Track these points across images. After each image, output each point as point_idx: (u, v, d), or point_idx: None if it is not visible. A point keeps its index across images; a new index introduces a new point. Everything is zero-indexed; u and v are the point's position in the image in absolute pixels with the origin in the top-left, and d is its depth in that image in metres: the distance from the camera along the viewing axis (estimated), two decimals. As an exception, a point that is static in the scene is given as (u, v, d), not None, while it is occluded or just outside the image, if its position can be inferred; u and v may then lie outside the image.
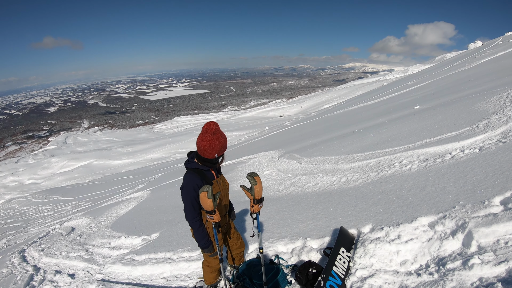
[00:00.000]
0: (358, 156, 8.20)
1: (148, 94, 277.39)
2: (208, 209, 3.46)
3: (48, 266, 8.24)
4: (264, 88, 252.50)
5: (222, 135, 3.57)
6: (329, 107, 45.84)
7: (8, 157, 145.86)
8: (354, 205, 5.21)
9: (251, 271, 4.26)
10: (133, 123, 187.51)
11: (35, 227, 16.03)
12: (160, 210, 10.68)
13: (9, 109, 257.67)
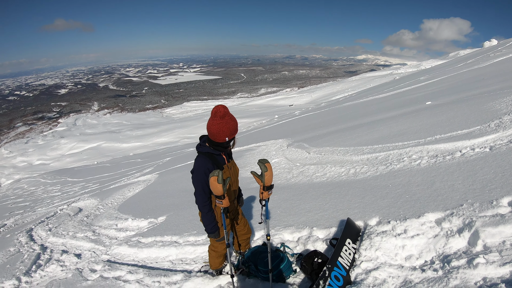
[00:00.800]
0: (367, 148, 8.17)
1: (158, 78, 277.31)
2: (218, 194, 3.46)
3: (55, 246, 8.36)
4: (275, 76, 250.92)
5: (232, 118, 3.56)
6: (339, 98, 45.59)
7: (18, 138, 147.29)
8: (361, 197, 5.22)
9: (257, 258, 4.29)
10: (143, 106, 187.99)
11: (43, 207, 16.23)
12: (168, 194, 10.73)
13: (19, 90, 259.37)
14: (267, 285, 4.05)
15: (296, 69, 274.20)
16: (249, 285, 4.21)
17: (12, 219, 15.12)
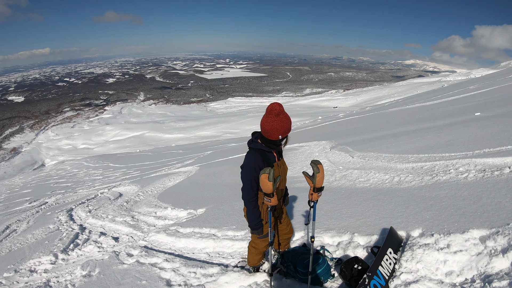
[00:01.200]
0: (413, 157, 7.88)
1: (204, 72, 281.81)
2: (267, 191, 3.39)
3: (93, 227, 8.50)
4: (321, 77, 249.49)
5: (287, 116, 3.48)
6: (385, 103, 44.68)
7: (65, 122, 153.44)
8: (405, 207, 5.02)
9: (296, 259, 4.19)
10: (188, 99, 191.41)
11: (84, 189, 16.67)
12: (208, 187, 10.72)
13: (69, 77, 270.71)
14: (304, 287, 3.96)
15: (342, 71, 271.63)
16: (285, 285, 4.13)
17: (54, 198, 15.61)
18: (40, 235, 8.52)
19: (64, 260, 6.43)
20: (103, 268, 5.46)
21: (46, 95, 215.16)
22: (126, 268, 5.29)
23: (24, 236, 8.67)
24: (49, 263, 6.29)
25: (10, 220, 11.60)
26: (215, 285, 4.36)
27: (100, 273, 5.27)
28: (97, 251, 6.67)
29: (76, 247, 7.03)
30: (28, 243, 7.97)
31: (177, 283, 4.60)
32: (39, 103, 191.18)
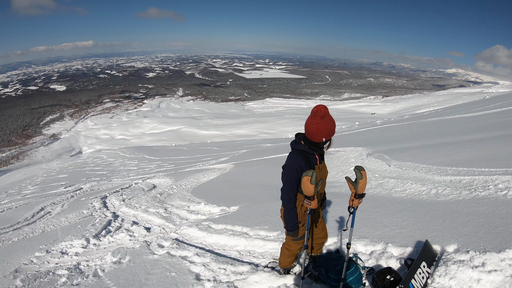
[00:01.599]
0: (451, 170, 7.59)
1: (243, 71, 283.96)
2: (309, 194, 3.36)
3: (126, 216, 8.61)
4: (360, 82, 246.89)
5: (331, 119, 3.46)
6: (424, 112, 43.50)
7: (104, 112, 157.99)
8: (441, 221, 4.86)
9: (329, 264, 4.11)
10: (226, 97, 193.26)
11: (118, 178, 16.98)
12: (242, 185, 10.68)
13: (110, 69, 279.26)
14: None
15: (382, 77, 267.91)
16: None
17: (89, 184, 15.96)
18: (73, 219, 8.70)
19: (96, 245, 6.50)
20: (133, 256, 5.48)
21: (87, 85, 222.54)
22: (156, 259, 5.29)
23: (57, 219, 8.87)
24: (80, 247, 6.38)
25: (45, 203, 11.92)
26: (244, 283, 4.32)
27: (130, 261, 5.29)
28: (128, 239, 6.72)
29: (108, 233, 7.11)
30: (61, 226, 8.13)
31: (206, 278, 4.57)
32: (80, 93, 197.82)
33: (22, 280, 5.00)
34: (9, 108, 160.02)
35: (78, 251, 6.21)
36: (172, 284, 4.44)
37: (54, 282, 4.94)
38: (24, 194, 17.63)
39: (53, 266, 5.56)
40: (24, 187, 22.20)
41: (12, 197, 17.28)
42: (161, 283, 4.50)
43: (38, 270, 5.40)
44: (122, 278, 4.75)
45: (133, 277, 4.75)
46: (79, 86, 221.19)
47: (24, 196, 16.59)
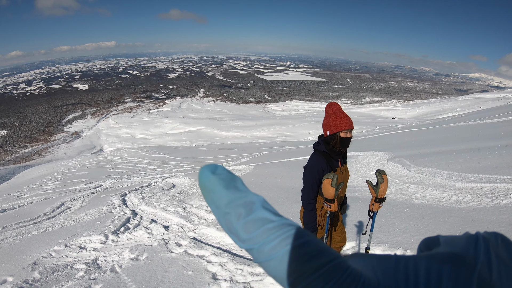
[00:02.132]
0: (473, 177, 7.50)
1: (264, 74, 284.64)
2: (329, 197, 3.34)
3: (145, 214, 8.64)
4: (381, 86, 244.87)
5: (344, 114, 3.46)
6: (446, 118, 42.82)
7: (125, 112, 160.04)
8: (462, 229, 4.85)
9: None
10: (246, 99, 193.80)
11: (138, 177, 17.10)
12: (261, 187, 10.63)
13: (132, 70, 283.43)
14: None
15: (404, 81, 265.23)
16: None
17: (109, 182, 16.11)
18: (93, 215, 8.78)
19: (114, 241, 6.55)
20: (151, 253, 5.49)
21: (109, 85, 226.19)
22: (173, 257, 5.30)
23: (77, 214, 8.96)
24: (99, 242, 6.44)
25: (66, 198, 12.06)
26: (260, 284, 4.30)
27: (148, 258, 5.31)
28: (146, 237, 6.75)
29: (127, 230, 7.16)
30: (81, 221, 8.21)
31: (222, 278, 4.57)
32: (102, 92, 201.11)
33: (40, 272, 5.06)
34: (32, 105, 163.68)
35: (97, 247, 6.27)
36: (188, 283, 4.43)
37: (72, 275, 4.98)
38: (45, 189, 17.89)
39: (71, 260, 5.62)
40: (45, 182, 22.55)
41: (33, 191, 17.56)
42: (178, 281, 4.50)
43: (56, 263, 5.46)
44: (139, 274, 4.77)
45: (150, 274, 4.77)
46: (101, 85, 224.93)
47: (45, 191, 16.83)
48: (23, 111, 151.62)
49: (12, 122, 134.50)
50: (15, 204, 12.10)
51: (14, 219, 9.11)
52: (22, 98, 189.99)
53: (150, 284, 4.46)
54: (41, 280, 4.86)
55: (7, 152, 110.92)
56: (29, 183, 23.60)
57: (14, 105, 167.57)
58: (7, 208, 11.26)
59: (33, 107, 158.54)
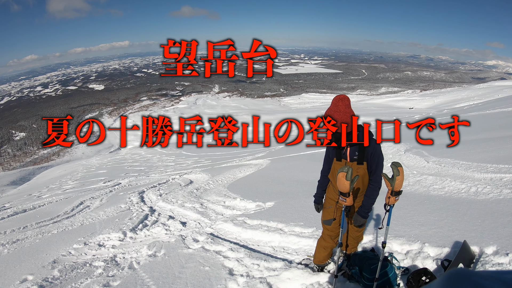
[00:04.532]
0: (492, 167, 7.33)
1: (279, 67, 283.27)
2: (344, 191, 3.35)
3: (163, 210, 8.75)
4: (397, 76, 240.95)
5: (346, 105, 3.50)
6: (463, 107, 41.95)
7: (142, 110, 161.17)
8: (481, 221, 4.70)
9: (363, 263, 4.04)
10: (262, 93, 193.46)
11: (156, 174, 17.27)
12: (278, 181, 10.63)
13: (147, 68, 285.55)
14: None
15: (420, 70, 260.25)
16: None
17: (127, 179, 16.31)
18: (111, 213, 8.91)
19: (132, 238, 6.64)
20: (168, 250, 5.55)
21: (124, 84, 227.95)
22: (191, 253, 5.35)
23: (96, 213, 9.11)
24: (117, 240, 6.54)
25: (85, 197, 12.26)
26: (277, 279, 4.29)
27: (165, 255, 5.36)
28: (164, 233, 6.84)
29: (145, 227, 7.26)
30: (100, 219, 8.34)
31: (239, 273, 4.58)
32: (118, 91, 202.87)
33: (59, 270, 5.16)
34: (49, 107, 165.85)
35: (115, 244, 6.37)
36: (205, 278, 4.47)
37: (91, 273, 5.06)
38: (65, 188, 18.19)
39: (90, 258, 5.71)
40: (65, 182, 22.93)
41: (53, 191, 17.87)
42: (195, 277, 4.53)
43: (75, 261, 5.56)
44: (157, 271, 4.82)
45: (167, 270, 4.81)
46: (116, 85, 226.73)
47: (65, 190, 17.12)
48: (41, 113, 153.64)
49: (30, 125, 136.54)
50: (35, 204, 12.35)
51: (34, 219, 9.30)
52: (39, 100, 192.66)
53: (167, 280, 4.51)
54: (60, 278, 4.95)
55: (26, 153, 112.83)
56: (49, 183, 24.03)
57: (31, 107, 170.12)
58: (28, 209, 11.50)
59: (50, 109, 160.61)
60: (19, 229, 8.22)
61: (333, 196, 3.88)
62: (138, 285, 4.45)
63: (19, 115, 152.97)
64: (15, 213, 10.86)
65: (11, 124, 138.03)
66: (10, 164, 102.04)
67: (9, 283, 4.90)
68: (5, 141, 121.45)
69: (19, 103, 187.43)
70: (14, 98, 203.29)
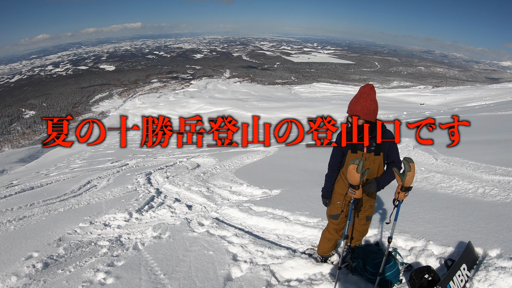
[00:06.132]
0: (501, 169, 7.25)
1: (291, 55, 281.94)
2: (354, 183, 3.32)
3: (169, 193, 8.80)
4: (410, 70, 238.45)
5: (372, 99, 3.42)
6: (475, 106, 41.51)
7: (152, 92, 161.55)
8: (486, 223, 4.68)
9: (367, 257, 4.04)
10: (273, 80, 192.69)
11: (164, 156, 17.35)
12: (285, 169, 10.64)
13: (158, 50, 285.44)
14: (370, 287, 3.85)
15: (433, 66, 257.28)
16: (351, 282, 4.00)
17: (135, 161, 16.40)
18: (118, 193, 8.96)
19: (138, 219, 6.68)
20: (173, 232, 5.56)
21: (135, 66, 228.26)
22: (195, 236, 5.36)
23: (103, 192, 9.17)
24: (123, 220, 6.58)
25: (92, 176, 12.35)
26: (280, 268, 4.31)
27: (170, 237, 5.38)
28: (169, 215, 6.87)
29: (151, 209, 7.29)
30: (106, 199, 8.40)
31: (243, 259, 4.59)
32: (129, 72, 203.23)
33: (64, 248, 5.19)
34: (60, 86, 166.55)
35: (121, 224, 6.41)
36: (209, 263, 4.48)
37: (95, 252, 5.10)
38: (72, 167, 18.35)
39: (95, 237, 5.75)
40: (73, 161, 23.16)
41: (61, 170, 18.04)
42: (199, 260, 4.55)
43: (81, 240, 5.60)
44: (161, 253, 4.84)
45: (171, 252, 4.83)
46: (127, 66, 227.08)
47: (72, 169, 17.26)
48: (51, 92, 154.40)
49: (40, 103, 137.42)
50: (42, 182, 12.45)
51: (41, 197, 9.38)
52: (50, 79, 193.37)
53: (171, 262, 4.52)
54: (65, 256, 4.99)
55: (36, 132, 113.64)
56: (56, 162, 24.29)
57: (42, 86, 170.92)
58: (35, 186, 11.60)
59: (60, 88, 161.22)
60: (26, 206, 8.28)
61: (342, 190, 3.83)
62: (142, 266, 4.48)
63: (30, 94, 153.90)
64: (22, 190, 10.95)
65: (21, 102, 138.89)
66: (19, 142, 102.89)
67: (14, 259, 4.94)
68: (15, 119, 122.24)
69: (29, 82, 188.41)
70: (25, 77, 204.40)
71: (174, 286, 3.98)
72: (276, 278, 4.16)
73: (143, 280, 4.12)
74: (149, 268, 4.40)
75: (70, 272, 4.45)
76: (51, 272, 4.50)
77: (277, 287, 3.95)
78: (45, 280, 4.30)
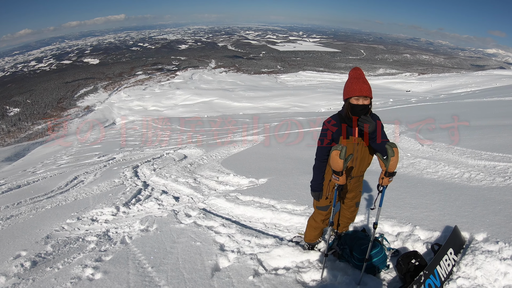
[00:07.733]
0: (486, 154, 7.38)
1: (277, 44, 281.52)
2: (337, 169, 3.31)
3: (156, 185, 8.81)
4: (396, 58, 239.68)
5: (365, 81, 3.45)
6: (460, 93, 42.06)
7: (137, 84, 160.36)
8: (472, 207, 4.77)
9: (354, 243, 4.10)
10: (258, 69, 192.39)
11: (150, 149, 17.26)
12: (272, 158, 10.66)
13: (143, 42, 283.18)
14: (357, 273, 3.88)
15: (419, 53, 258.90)
16: (338, 268, 4.06)
17: (121, 154, 16.33)
18: (105, 187, 8.94)
19: (125, 213, 6.70)
20: (160, 225, 5.59)
21: (120, 58, 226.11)
22: (182, 228, 5.39)
23: (90, 187, 9.13)
24: (110, 214, 6.59)
25: (79, 172, 12.28)
26: (267, 256, 4.35)
27: (157, 229, 5.41)
28: (157, 208, 6.88)
29: (138, 202, 7.31)
30: (93, 194, 8.38)
31: (230, 249, 4.64)
32: (113, 65, 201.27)
33: (52, 246, 5.19)
34: (44, 82, 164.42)
35: (108, 219, 6.42)
36: (196, 254, 4.51)
37: (83, 248, 5.10)
38: (59, 164, 18.20)
39: (83, 233, 5.76)
40: (59, 157, 22.94)
41: (48, 167, 17.88)
42: (186, 252, 4.58)
43: (68, 236, 5.60)
44: (148, 245, 4.87)
45: (159, 245, 4.86)
46: (112, 59, 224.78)
47: (59, 165, 17.13)
48: (35, 88, 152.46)
49: (24, 100, 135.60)
50: (29, 179, 12.35)
51: (28, 195, 9.31)
52: (33, 75, 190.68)
53: (158, 255, 4.55)
54: (53, 253, 4.99)
55: (21, 129, 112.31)
56: (43, 159, 24.06)
57: (25, 82, 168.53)
58: (22, 184, 11.50)
59: (44, 84, 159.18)
60: (13, 205, 8.22)
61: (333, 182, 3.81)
62: (129, 260, 4.49)
63: (13, 91, 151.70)
64: (9, 189, 10.85)
65: (5, 99, 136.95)
66: (4, 140, 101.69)
67: (2, 259, 4.92)
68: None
69: (13, 79, 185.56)
70: (8, 74, 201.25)
71: (162, 278, 4.01)
72: (263, 266, 4.20)
73: (131, 274, 4.14)
74: (137, 262, 4.43)
75: (59, 269, 4.45)
76: (39, 270, 4.51)
77: (265, 275, 3.99)
78: (34, 278, 4.30)
